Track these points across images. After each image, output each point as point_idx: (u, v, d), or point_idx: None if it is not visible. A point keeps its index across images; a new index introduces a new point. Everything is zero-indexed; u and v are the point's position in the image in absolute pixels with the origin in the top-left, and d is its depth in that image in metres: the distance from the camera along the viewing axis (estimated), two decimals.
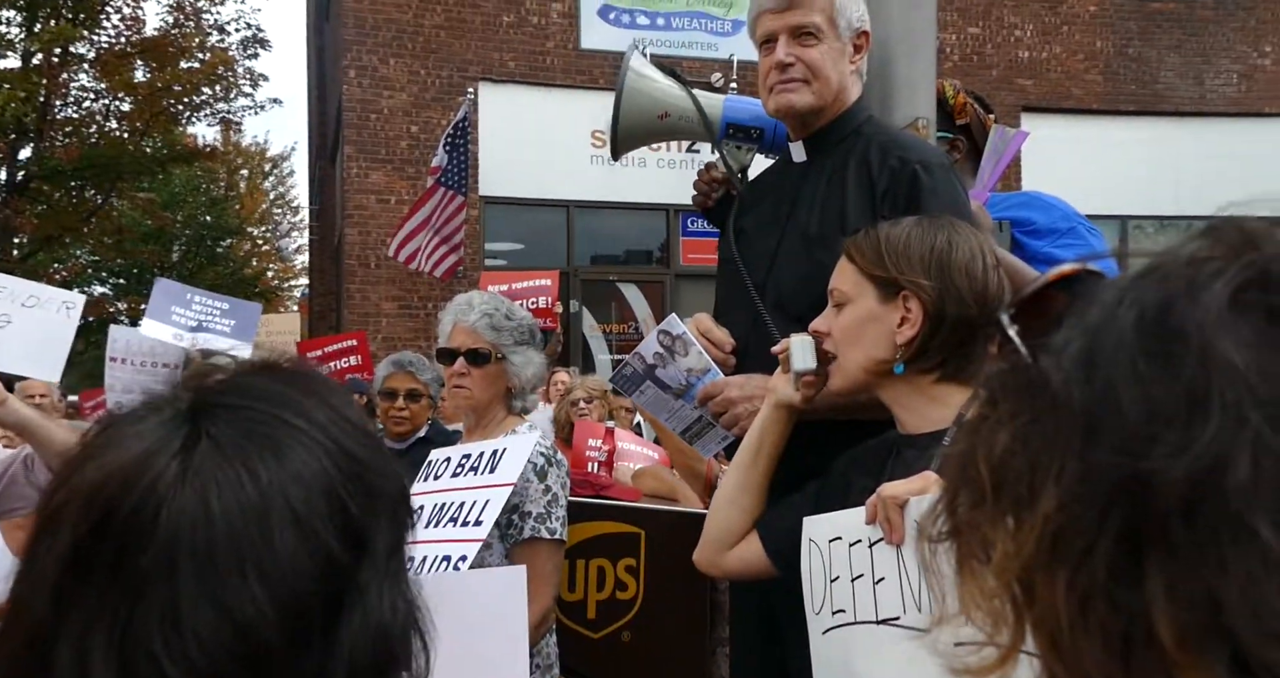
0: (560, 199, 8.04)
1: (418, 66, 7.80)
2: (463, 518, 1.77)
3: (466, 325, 2.01)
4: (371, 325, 7.60)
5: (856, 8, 1.60)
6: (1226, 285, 0.37)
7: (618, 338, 8.18)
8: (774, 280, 1.58)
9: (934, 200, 1.47)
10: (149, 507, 0.47)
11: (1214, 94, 8.87)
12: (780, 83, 1.57)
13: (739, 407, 1.51)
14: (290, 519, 0.48)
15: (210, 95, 13.30)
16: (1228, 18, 8.89)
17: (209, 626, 0.45)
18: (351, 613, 0.49)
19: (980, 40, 8.52)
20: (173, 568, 0.46)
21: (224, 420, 0.51)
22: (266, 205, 23.13)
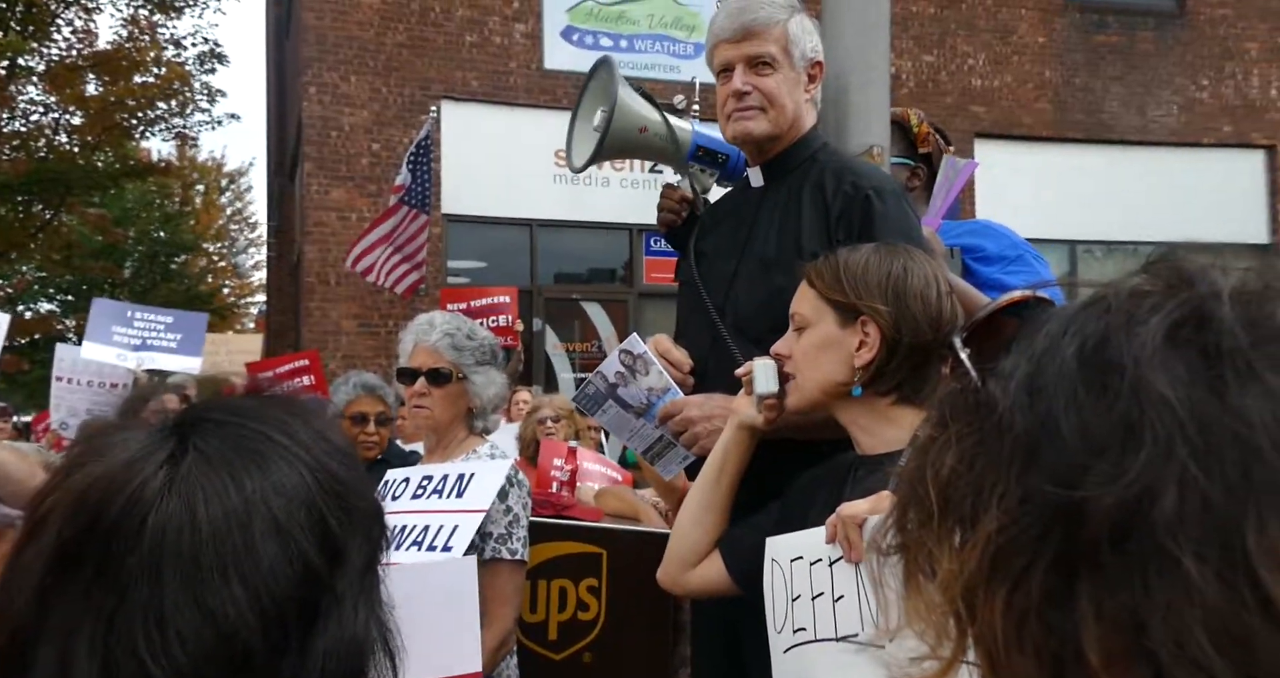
0: (523, 217, 8.04)
1: (379, 84, 7.77)
2: (428, 542, 1.75)
3: (428, 345, 2.00)
4: (331, 343, 7.50)
5: (810, 39, 1.65)
6: (1162, 322, 0.38)
7: (581, 356, 8.16)
8: (732, 302, 1.61)
9: (886, 225, 1.51)
10: (136, 512, 0.48)
11: (1155, 124, 9.19)
12: (738, 110, 1.61)
13: (698, 426, 1.53)
14: (272, 528, 0.50)
15: (165, 110, 13.08)
16: (1167, 52, 9.24)
17: (192, 627, 0.47)
18: (327, 622, 0.51)
19: (935, 68, 8.74)
20: (158, 571, 0.47)
21: (210, 434, 0.53)
22: (223, 221, 22.74)
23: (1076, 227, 8.79)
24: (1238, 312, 0.37)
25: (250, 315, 21.42)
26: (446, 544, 1.75)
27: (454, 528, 1.77)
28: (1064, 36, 9.06)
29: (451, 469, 1.91)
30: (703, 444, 1.53)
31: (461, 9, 7.93)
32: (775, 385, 1.38)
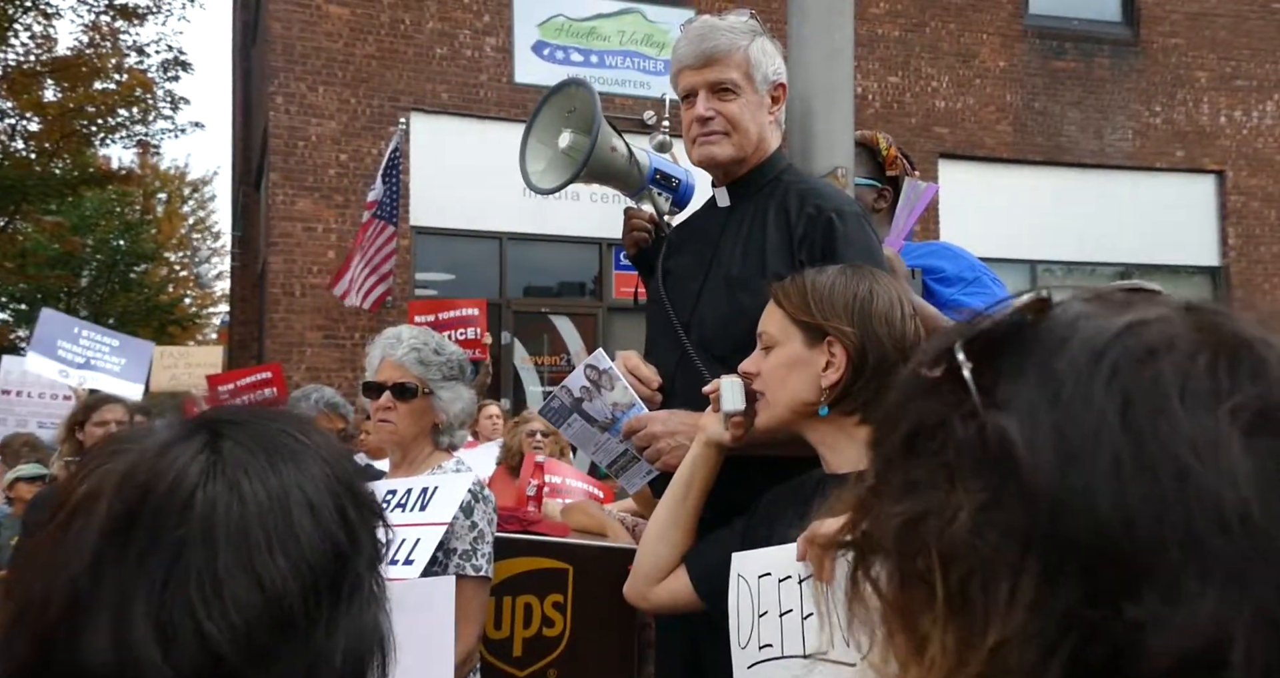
0: (493, 230, 8.02)
1: (348, 95, 7.72)
2: (389, 556, 1.73)
3: (394, 360, 1.99)
4: (295, 355, 7.40)
5: (772, 62, 1.67)
6: (1233, 415, 0.31)
7: (549, 370, 8.14)
8: (698, 320, 1.63)
9: (847, 246, 1.54)
10: (184, 488, 0.53)
11: (1111, 148, 9.44)
12: (702, 135, 1.64)
13: (661, 442, 1.54)
14: (307, 508, 0.56)
15: (127, 117, 12.87)
16: (1122, 78, 9.51)
17: (244, 591, 0.51)
18: (350, 602, 0.56)
19: (900, 89, 8.91)
20: (212, 541, 0.52)
21: (238, 429, 0.58)
22: (185, 230, 22.36)
23: (1036, 246, 8.99)
24: None
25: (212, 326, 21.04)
26: (408, 558, 1.74)
27: (415, 541, 1.76)
28: (1024, 61, 9.29)
29: (415, 483, 1.90)
30: (666, 460, 1.54)
31: (432, 22, 7.92)
32: (742, 403, 1.40)
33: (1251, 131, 9.79)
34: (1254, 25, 9.82)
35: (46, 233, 13.68)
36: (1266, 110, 9.84)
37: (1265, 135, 9.83)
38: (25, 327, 14.85)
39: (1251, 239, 9.74)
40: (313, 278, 7.55)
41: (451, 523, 1.83)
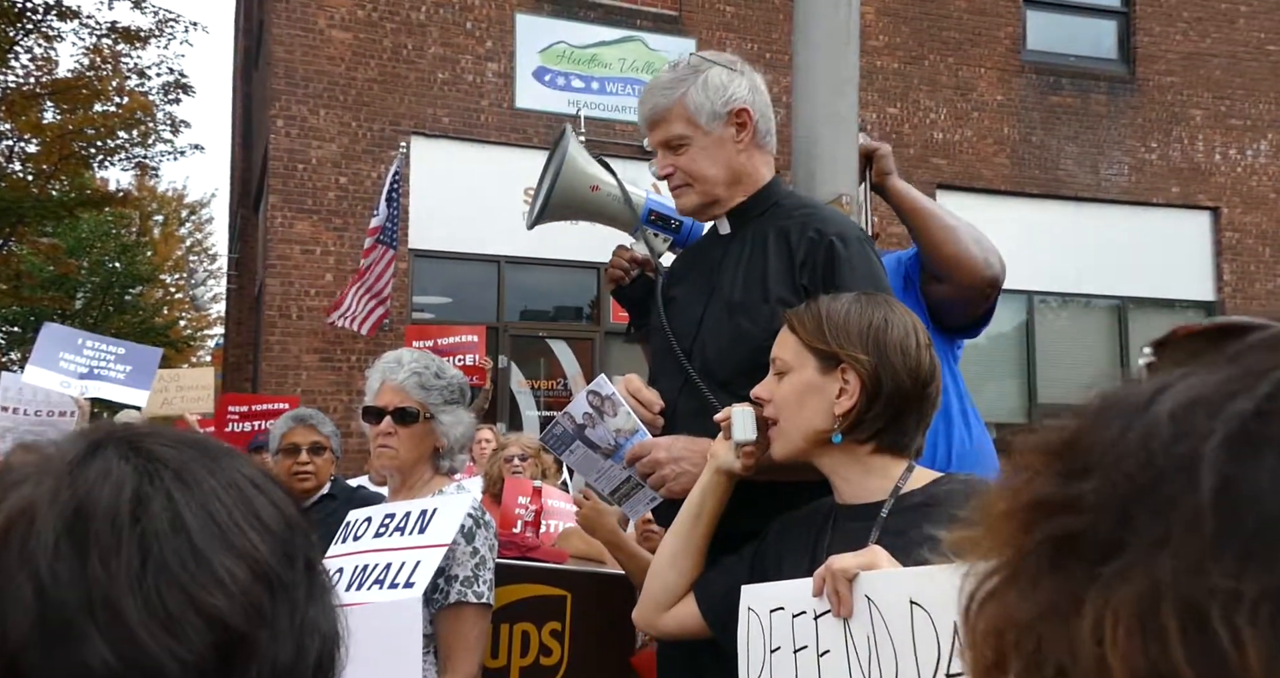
0: (491, 254, 8.03)
1: (349, 118, 7.76)
2: (390, 579, 1.69)
3: (394, 384, 1.97)
4: (291, 378, 7.35)
5: (719, 94, 1.62)
6: None
7: (546, 394, 8.10)
8: (699, 346, 1.62)
9: (849, 271, 1.53)
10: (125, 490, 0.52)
11: (1107, 182, 9.54)
12: (672, 189, 1.70)
13: (665, 469, 1.53)
14: (254, 487, 0.56)
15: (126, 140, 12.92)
16: (1119, 114, 9.63)
17: (231, 562, 0.52)
18: (312, 573, 0.56)
19: (899, 120, 9.00)
20: (180, 527, 0.52)
21: (154, 438, 0.57)
22: (182, 252, 22.37)
23: (1033, 278, 9.02)
24: None
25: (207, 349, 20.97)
26: (409, 580, 1.70)
27: (416, 564, 1.73)
28: (1021, 95, 9.40)
29: (414, 506, 1.86)
30: (670, 487, 1.53)
31: (434, 47, 8.00)
32: (754, 433, 1.39)
33: (1246, 169, 9.90)
34: (1248, 66, 9.97)
35: (42, 255, 13.66)
36: (1260, 149, 9.95)
37: (1259, 173, 9.94)
38: (18, 349, 14.77)
39: (1246, 275, 9.80)
40: (310, 300, 7.52)
41: (453, 548, 1.79)
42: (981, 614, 0.35)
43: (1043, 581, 0.33)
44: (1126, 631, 0.30)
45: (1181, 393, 0.32)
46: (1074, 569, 0.32)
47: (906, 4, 9.05)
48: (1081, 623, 0.31)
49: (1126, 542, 0.31)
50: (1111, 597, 0.30)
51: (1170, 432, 0.32)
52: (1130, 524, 0.31)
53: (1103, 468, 0.32)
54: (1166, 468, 0.31)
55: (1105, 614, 0.30)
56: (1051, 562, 0.33)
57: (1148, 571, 0.30)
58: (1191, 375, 0.33)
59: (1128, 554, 0.30)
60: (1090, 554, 0.31)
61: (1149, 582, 0.30)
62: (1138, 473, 0.31)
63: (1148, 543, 0.30)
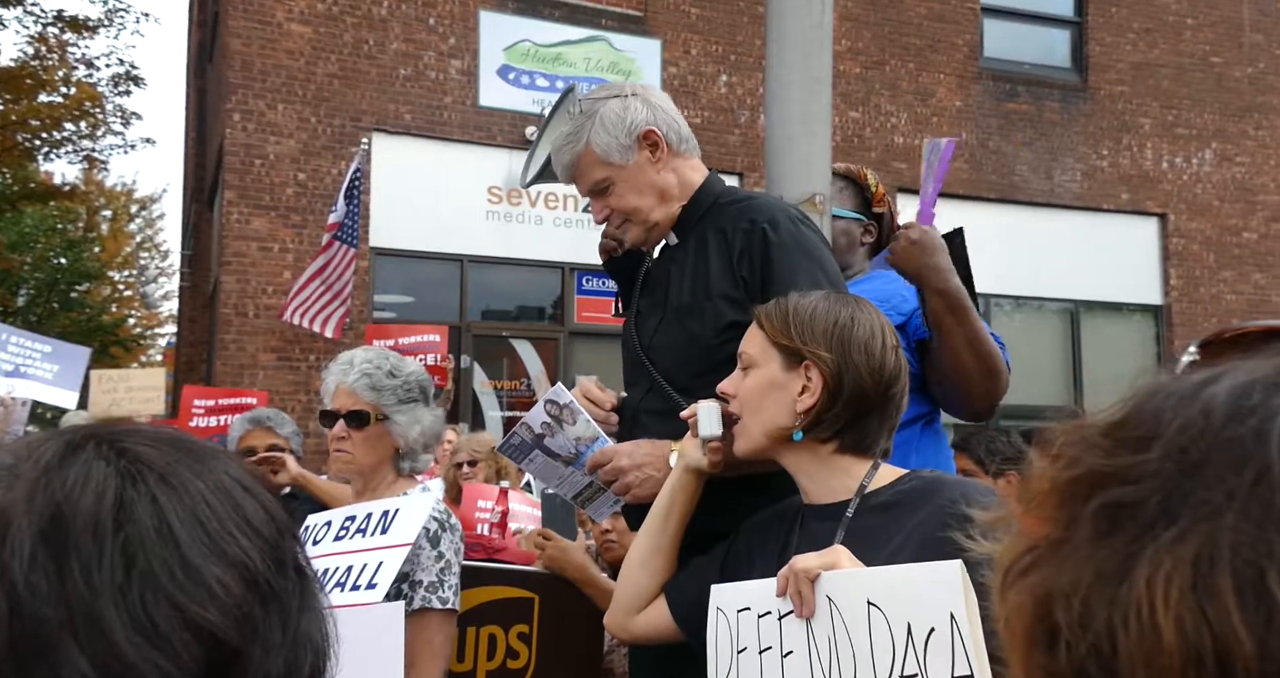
0: (454, 253, 7.94)
1: (308, 114, 7.62)
2: (352, 582, 1.66)
3: (346, 386, 1.93)
4: (247, 378, 7.19)
5: (619, 125, 1.62)
6: None
7: (509, 394, 8.04)
8: (658, 354, 1.65)
9: (782, 254, 1.54)
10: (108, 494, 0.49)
11: (1061, 188, 9.76)
12: (614, 229, 1.72)
13: (629, 475, 1.53)
14: (242, 489, 0.53)
15: (74, 132, 12.54)
16: (1071, 122, 9.87)
17: (222, 571, 0.49)
18: (302, 579, 0.54)
19: (860, 124, 9.11)
20: (168, 534, 0.49)
21: (136, 437, 0.54)
22: (131, 249, 21.77)
23: (989, 281, 9.19)
24: None
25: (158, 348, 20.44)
26: (371, 582, 1.67)
27: (378, 565, 1.69)
28: (978, 102, 9.58)
29: (375, 507, 1.83)
30: (635, 493, 1.53)
31: (396, 42, 7.89)
32: (719, 428, 1.38)
33: (1191, 177, 10.21)
34: (1193, 77, 10.29)
35: None
36: (1205, 158, 10.28)
37: (1204, 181, 10.26)
38: None
39: (1192, 280, 10.11)
40: (267, 298, 7.37)
41: (417, 552, 1.76)
42: (1018, 588, 0.35)
43: (1092, 549, 0.33)
44: (1180, 592, 0.30)
45: (1239, 375, 0.33)
46: (1128, 536, 0.32)
47: (868, 9, 9.17)
48: (1134, 586, 0.31)
49: (1182, 509, 0.31)
50: (1167, 559, 0.31)
51: (1230, 407, 0.32)
52: (1187, 492, 0.32)
53: (1159, 441, 0.33)
54: (1228, 438, 0.32)
55: (1159, 576, 0.31)
56: (1103, 531, 0.33)
57: (1207, 534, 0.30)
58: (1242, 365, 0.34)
59: (1184, 520, 0.31)
60: (1146, 521, 0.32)
61: (1208, 544, 0.30)
62: (1196, 444, 0.32)
63: (1207, 509, 0.31)
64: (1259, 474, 0.30)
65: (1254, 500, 0.30)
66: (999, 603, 0.35)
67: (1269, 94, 10.51)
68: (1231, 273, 10.24)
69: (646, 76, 8.35)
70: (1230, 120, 10.36)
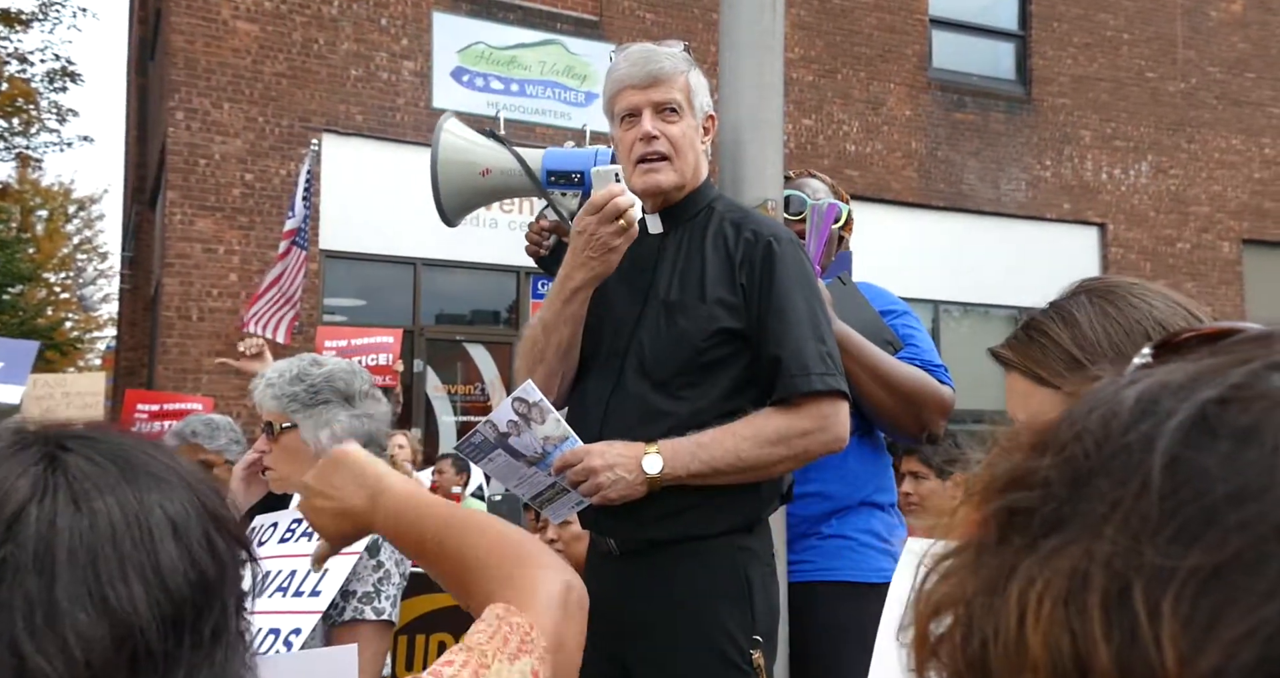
0: (406, 256, 7.84)
1: (255, 113, 7.46)
2: (294, 588, 1.61)
3: (257, 400, 1.89)
4: (190, 382, 6.99)
5: (705, 94, 1.71)
6: None
7: (463, 399, 7.95)
8: (636, 346, 1.61)
9: (784, 272, 1.58)
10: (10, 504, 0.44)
11: (1007, 197, 10.01)
12: (644, 159, 1.63)
13: (601, 476, 1.50)
14: (169, 528, 0.47)
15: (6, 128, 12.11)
16: (1015, 132, 10.13)
17: (88, 623, 0.43)
18: (214, 645, 0.48)
19: (813, 131, 9.23)
20: (47, 563, 0.44)
21: (86, 444, 0.49)
22: (69, 250, 21.06)
23: (938, 288, 9.39)
24: None
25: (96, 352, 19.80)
26: (315, 589, 1.62)
27: (324, 572, 1.64)
28: (928, 112, 9.78)
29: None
30: (605, 494, 1.50)
31: (347, 43, 7.77)
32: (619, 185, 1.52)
33: (1129, 188, 10.55)
34: (1130, 90, 10.64)
35: None
36: (1142, 169, 10.63)
37: (1140, 193, 10.61)
38: None
39: None
40: (212, 301, 7.18)
41: (356, 563, 1.71)
42: (927, 597, 0.34)
43: (987, 556, 0.32)
44: (1052, 604, 0.29)
45: (1153, 379, 0.32)
46: (1016, 544, 0.31)
47: (820, 18, 9.30)
48: (1007, 599, 0.30)
49: (1070, 517, 0.31)
50: (1044, 569, 0.30)
51: (1133, 413, 0.31)
52: (1078, 501, 0.31)
53: (1061, 446, 0.32)
54: (1122, 446, 0.31)
55: (1033, 587, 0.30)
56: (998, 537, 0.32)
57: (1085, 545, 0.29)
58: (1164, 369, 0.33)
59: (1069, 529, 0.30)
60: (1034, 529, 0.31)
61: (1084, 555, 0.29)
62: (1094, 451, 0.31)
63: (1091, 519, 0.30)
64: (1142, 485, 0.30)
65: (1134, 513, 0.29)
66: (913, 614, 0.35)
67: (1200, 109, 10.92)
68: (1166, 282, 10.56)
69: (602, 81, 8.35)
70: (1165, 133, 10.74)
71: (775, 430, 1.50)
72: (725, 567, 1.52)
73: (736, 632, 1.49)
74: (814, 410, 1.52)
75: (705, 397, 1.55)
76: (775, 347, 1.54)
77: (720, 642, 1.48)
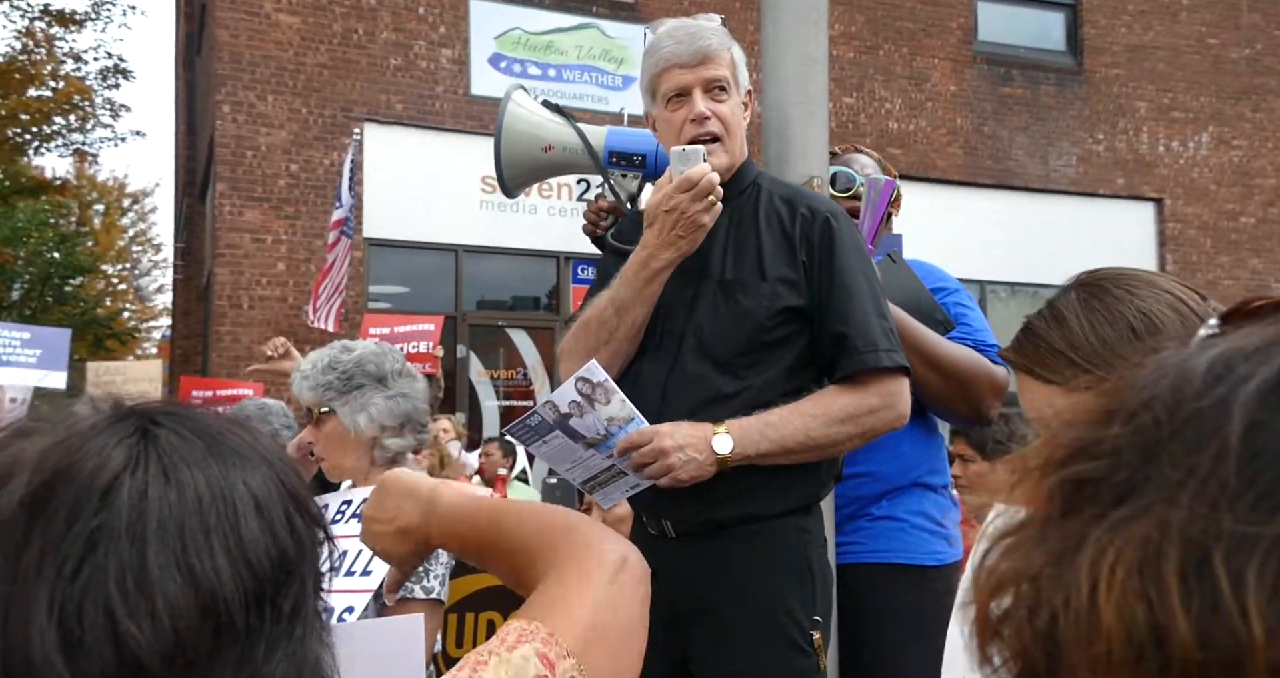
0: (448, 243, 7.91)
1: (299, 104, 7.57)
2: (346, 567, 1.65)
3: (296, 393, 1.92)
4: (242, 369, 7.16)
5: (745, 69, 1.69)
6: None
7: (505, 384, 8.03)
8: (694, 327, 1.58)
9: (843, 249, 1.56)
10: (105, 474, 0.46)
11: (1057, 173, 9.73)
12: (696, 141, 1.60)
13: (673, 457, 1.46)
14: (253, 505, 0.49)
15: (63, 125, 12.47)
16: (1067, 106, 9.83)
17: (176, 589, 0.45)
18: (293, 622, 0.49)
19: (855, 110, 9.07)
20: (139, 532, 0.45)
21: (176, 421, 0.51)
22: (124, 242, 21.69)
23: (985, 268, 9.18)
24: None
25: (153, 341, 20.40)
26: (366, 568, 1.66)
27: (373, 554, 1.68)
28: (974, 86, 9.54)
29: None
30: (675, 476, 1.46)
31: (386, 32, 7.83)
32: None
33: (1188, 162, 10.18)
34: (1190, 60, 10.25)
35: None
36: (1202, 141, 10.25)
37: (1200, 165, 10.24)
38: None
39: (1188, 266, 10.10)
40: (261, 290, 7.33)
41: None
42: (989, 574, 0.33)
43: (1052, 530, 0.32)
44: (1126, 573, 0.28)
45: (1225, 345, 0.31)
46: (1085, 514, 0.31)
47: None
48: (1078, 568, 0.30)
49: (1142, 486, 0.30)
50: (1116, 538, 0.29)
51: (1205, 379, 0.31)
52: (1149, 469, 0.30)
53: (1129, 414, 0.32)
54: (1195, 412, 0.30)
55: (1104, 557, 0.29)
56: (1064, 510, 0.31)
57: (1159, 513, 0.29)
58: (1236, 334, 0.32)
59: (1142, 498, 0.30)
60: (1103, 499, 0.30)
61: (1159, 524, 0.29)
62: (1166, 418, 0.31)
63: (1165, 487, 0.29)
64: (1219, 451, 0.29)
65: (1211, 480, 0.28)
66: (974, 593, 0.33)
67: (1266, 76, 10.48)
68: (1229, 258, 10.23)
69: (639, 64, 8.29)
70: (1227, 103, 10.33)
71: (843, 409, 1.48)
72: (787, 547, 1.51)
73: (799, 612, 1.48)
74: (880, 387, 1.50)
75: (767, 376, 1.53)
76: (839, 323, 1.52)
77: (784, 623, 1.47)
